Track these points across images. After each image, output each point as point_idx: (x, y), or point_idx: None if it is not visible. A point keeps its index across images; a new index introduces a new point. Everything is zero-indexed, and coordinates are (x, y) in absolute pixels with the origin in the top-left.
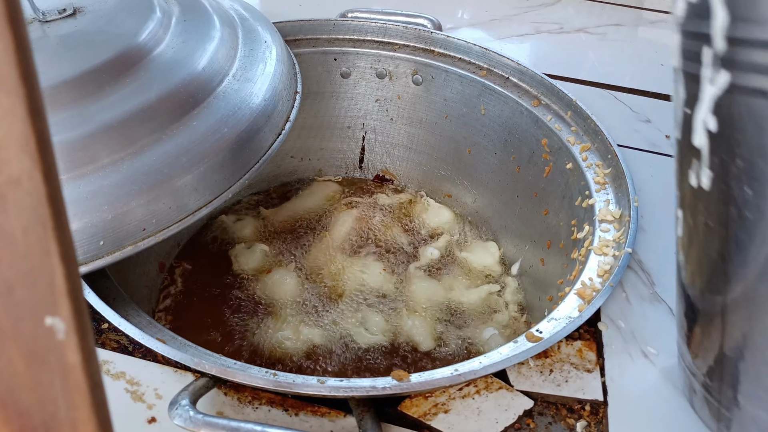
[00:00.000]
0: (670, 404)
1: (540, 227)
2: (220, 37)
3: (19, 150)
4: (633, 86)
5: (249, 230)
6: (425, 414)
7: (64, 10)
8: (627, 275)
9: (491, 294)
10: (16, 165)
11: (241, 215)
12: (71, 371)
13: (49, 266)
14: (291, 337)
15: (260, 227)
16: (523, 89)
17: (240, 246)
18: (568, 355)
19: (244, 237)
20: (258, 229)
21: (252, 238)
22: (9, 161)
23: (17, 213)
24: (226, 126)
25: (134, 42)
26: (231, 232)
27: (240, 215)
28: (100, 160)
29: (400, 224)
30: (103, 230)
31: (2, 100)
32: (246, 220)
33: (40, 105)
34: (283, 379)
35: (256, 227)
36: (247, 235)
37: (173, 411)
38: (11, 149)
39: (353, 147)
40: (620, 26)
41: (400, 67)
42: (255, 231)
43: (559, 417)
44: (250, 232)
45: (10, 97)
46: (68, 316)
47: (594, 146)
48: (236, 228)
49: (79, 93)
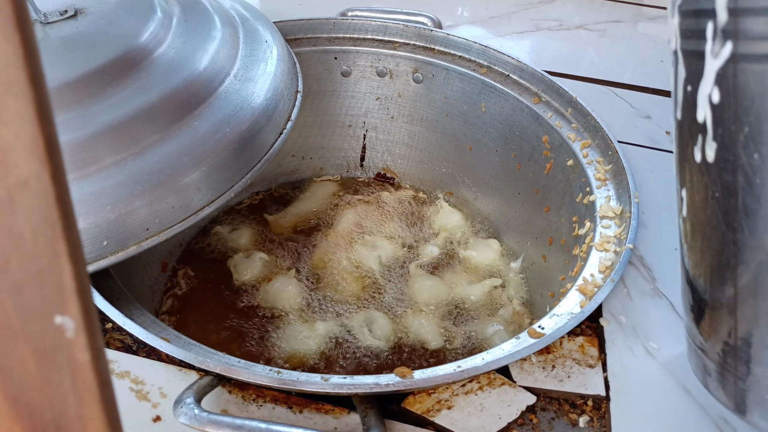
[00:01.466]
0: (672, 398)
1: (541, 224)
2: (221, 37)
3: (27, 153)
4: (633, 82)
5: (245, 239)
6: (429, 410)
7: (65, 11)
8: (628, 271)
9: (494, 288)
10: (24, 167)
11: (236, 225)
12: (80, 369)
13: (57, 266)
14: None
15: (258, 234)
16: (523, 86)
17: (238, 256)
18: (570, 350)
19: (242, 246)
20: (255, 237)
21: (250, 247)
22: (18, 164)
23: (26, 215)
24: (228, 126)
25: (136, 43)
26: (227, 242)
27: (235, 225)
28: (102, 160)
29: (404, 222)
30: (107, 230)
31: (11, 103)
32: (241, 229)
33: (48, 108)
34: (287, 376)
35: (253, 235)
36: (244, 245)
37: (178, 409)
38: (20, 152)
39: (354, 145)
40: (620, 23)
41: (401, 66)
42: (252, 239)
43: (561, 412)
44: (246, 241)
45: (18, 101)
46: (77, 315)
47: (594, 143)
48: (232, 238)
49: (81, 94)
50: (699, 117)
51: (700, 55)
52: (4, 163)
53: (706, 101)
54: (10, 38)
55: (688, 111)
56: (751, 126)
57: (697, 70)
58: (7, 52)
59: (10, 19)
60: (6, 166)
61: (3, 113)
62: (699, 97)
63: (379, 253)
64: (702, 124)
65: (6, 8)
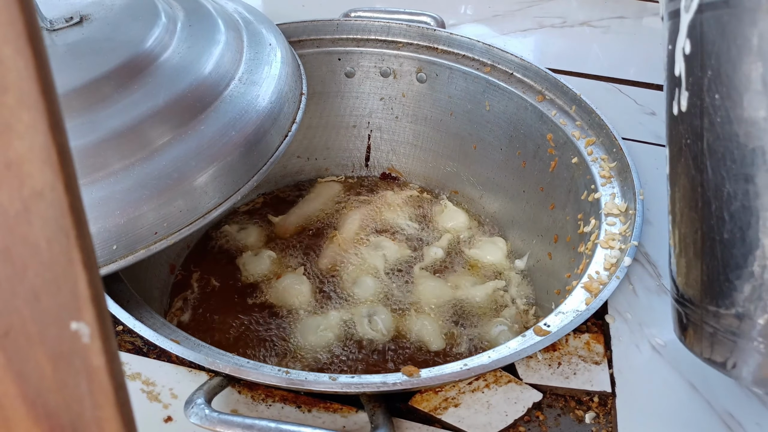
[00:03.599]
0: (678, 394)
1: (546, 222)
2: (225, 40)
3: (41, 163)
4: (637, 79)
5: (253, 238)
6: (436, 408)
7: (71, 18)
8: (633, 268)
9: (497, 290)
10: (39, 178)
11: (244, 224)
12: (96, 373)
13: (72, 274)
14: (303, 339)
15: (266, 233)
16: (527, 85)
17: (247, 254)
18: (575, 347)
19: (250, 245)
20: (263, 235)
21: (258, 245)
22: (32, 175)
23: (41, 224)
24: (234, 129)
25: (141, 48)
26: (236, 241)
27: (243, 224)
28: (111, 165)
29: (410, 221)
30: (116, 235)
31: (24, 115)
32: (249, 228)
33: (60, 118)
34: (296, 376)
35: (261, 234)
36: (252, 243)
37: (189, 410)
38: (34, 163)
39: (359, 146)
40: (624, 18)
41: (404, 65)
42: (260, 238)
43: (568, 409)
44: (255, 240)
45: (31, 113)
46: (92, 320)
47: (599, 140)
48: (240, 237)
49: (88, 100)
50: (676, 71)
51: (678, 14)
52: (20, 174)
53: (681, 55)
54: (21, 51)
55: (670, 68)
56: (712, 69)
57: (675, 28)
58: (19, 66)
59: (21, 32)
60: (21, 178)
61: (17, 125)
62: (676, 53)
63: (384, 253)
64: (678, 77)
65: (17, 21)
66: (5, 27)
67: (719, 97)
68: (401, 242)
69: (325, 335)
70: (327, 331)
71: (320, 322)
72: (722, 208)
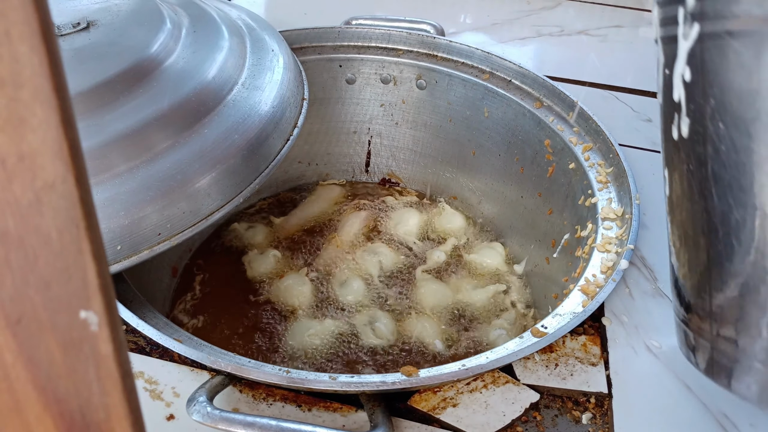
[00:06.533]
0: (674, 395)
1: (544, 226)
2: (228, 46)
3: (53, 156)
4: (634, 86)
5: (261, 237)
6: (434, 408)
7: (78, 23)
8: (630, 271)
9: (498, 293)
10: (50, 171)
11: (253, 223)
12: (104, 360)
13: (82, 263)
14: (302, 338)
15: (272, 234)
16: (525, 92)
17: (253, 252)
18: (572, 349)
19: (257, 243)
20: (269, 235)
21: (264, 245)
22: (44, 167)
23: (52, 215)
24: (237, 133)
25: (146, 53)
26: (244, 239)
27: (252, 223)
28: (116, 167)
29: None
30: (120, 235)
31: (37, 110)
32: (258, 227)
33: (71, 114)
34: (296, 375)
35: (268, 234)
36: (259, 242)
37: (191, 407)
38: (46, 156)
39: (359, 151)
40: (621, 27)
41: (404, 72)
42: (267, 237)
43: (565, 409)
44: (262, 239)
45: (44, 108)
46: (100, 309)
47: (596, 146)
48: (248, 235)
49: (94, 104)
50: (675, 97)
51: (674, 39)
52: (33, 166)
53: (680, 81)
54: (36, 49)
55: (668, 92)
56: (716, 98)
57: (672, 54)
58: (33, 63)
59: (36, 31)
60: (34, 170)
61: (31, 120)
62: (674, 79)
63: (380, 259)
64: (677, 102)
65: (32, 20)
66: (21, 26)
67: (723, 126)
68: (398, 248)
69: (323, 338)
70: (314, 338)
71: (311, 325)
72: (730, 234)
